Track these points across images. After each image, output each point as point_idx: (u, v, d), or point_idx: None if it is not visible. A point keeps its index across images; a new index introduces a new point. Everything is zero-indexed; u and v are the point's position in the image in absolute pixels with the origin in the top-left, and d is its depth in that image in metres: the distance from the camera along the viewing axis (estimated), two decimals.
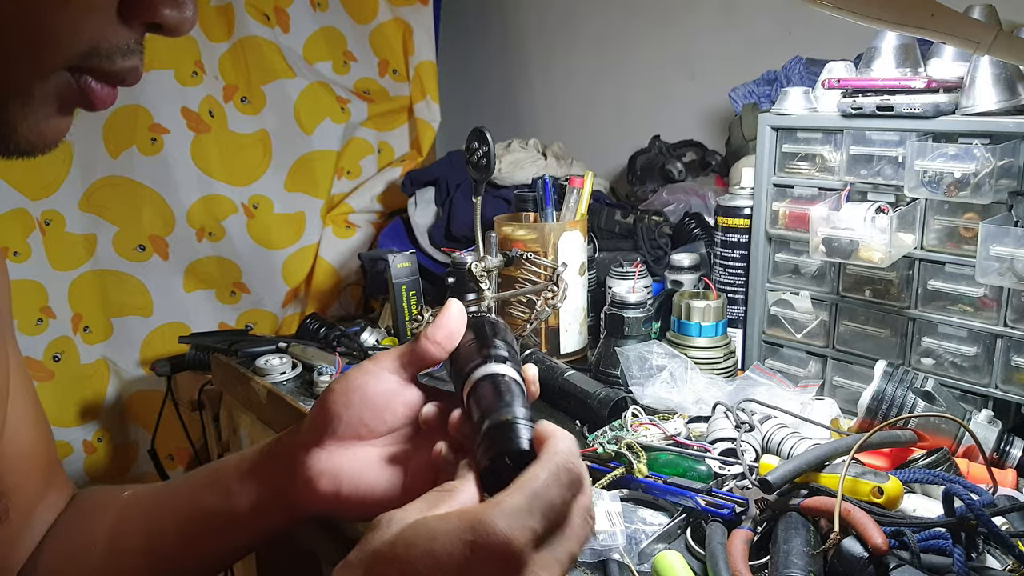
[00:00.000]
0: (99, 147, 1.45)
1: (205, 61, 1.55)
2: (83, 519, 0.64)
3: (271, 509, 0.56)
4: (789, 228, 0.97)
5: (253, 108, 1.62)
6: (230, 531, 0.58)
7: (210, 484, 0.59)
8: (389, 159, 1.83)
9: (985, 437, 0.77)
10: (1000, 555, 0.63)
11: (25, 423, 0.61)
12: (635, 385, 0.94)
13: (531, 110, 2.12)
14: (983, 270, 0.79)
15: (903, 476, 0.69)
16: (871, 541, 0.59)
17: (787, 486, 0.69)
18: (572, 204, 1.15)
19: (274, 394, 1.06)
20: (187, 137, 1.52)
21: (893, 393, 0.79)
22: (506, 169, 1.53)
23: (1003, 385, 0.84)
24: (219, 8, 1.57)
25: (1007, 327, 0.82)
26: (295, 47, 1.69)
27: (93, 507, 0.64)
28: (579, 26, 1.94)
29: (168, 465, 1.56)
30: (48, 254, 1.43)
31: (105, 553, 0.60)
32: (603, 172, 1.78)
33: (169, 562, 0.59)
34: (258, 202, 1.63)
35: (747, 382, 0.92)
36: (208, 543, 0.58)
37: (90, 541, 0.61)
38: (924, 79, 0.84)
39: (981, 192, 0.80)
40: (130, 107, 1.46)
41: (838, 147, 0.92)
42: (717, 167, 1.52)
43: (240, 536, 0.58)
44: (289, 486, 0.54)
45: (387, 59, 1.82)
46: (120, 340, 1.52)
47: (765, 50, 1.51)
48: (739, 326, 1.06)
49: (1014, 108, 0.82)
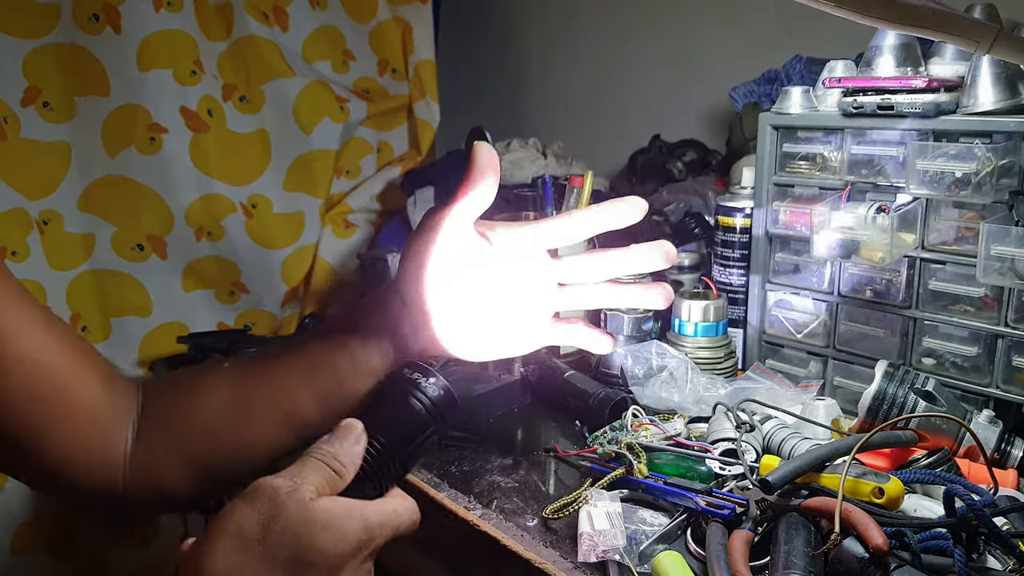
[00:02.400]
0: (97, 146, 1.45)
1: (204, 60, 1.55)
2: (179, 400, 0.64)
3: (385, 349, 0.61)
4: (790, 227, 0.97)
5: (252, 107, 1.62)
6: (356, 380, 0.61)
7: (330, 346, 0.62)
8: (388, 158, 1.82)
9: (986, 437, 0.77)
10: (1001, 555, 0.62)
11: (49, 348, 0.60)
12: (635, 385, 0.93)
13: (531, 109, 2.11)
14: (984, 270, 0.78)
15: (904, 476, 0.69)
16: (872, 541, 0.58)
17: (788, 486, 0.68)
18: (572, 204, 1.15)
19: None
20: (186, 136, 1.52)
21: (894, 393, 0.78)
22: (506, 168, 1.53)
23: (1004, 385, 0.83)
24: (218, 7, 1.57)
25: (1008, 327, 0.82)
26: (294, 46, 1.68)
27: (190, 389, 0.65)
28: (579, 25, 1.94)
29: None
30: (46, 254, 1.43)
31: (235, 421, 0.61)
32: (603, 171, 1.78)
33: (305, 418, 0.61)
34: (257, 202, 1.62)
35: (747, 382, 0.92)
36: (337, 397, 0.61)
37: (203, 418, 0.62)
38: (925, 78, 0.84)
39: (982, 192, 0.79)
40: (129, 106, 1.46)
41: (839, 146, 0.92)
42: (717, 167, 1.52)
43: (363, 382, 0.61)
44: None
45: (386, 58, 1.82)
46: (119, 340, 1.52)
47: (765, 49, 1.51)
48: (739, 326, 1.05)
49: (1015, 107, 0.81)
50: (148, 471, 0.62)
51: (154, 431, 0.62)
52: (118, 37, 1.43)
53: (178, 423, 0.63)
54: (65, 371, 0.60)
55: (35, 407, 0.58)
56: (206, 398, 0.62)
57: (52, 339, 0.60)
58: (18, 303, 0.59)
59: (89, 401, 0.61)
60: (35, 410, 0.58)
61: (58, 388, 0.59)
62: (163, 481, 0.62)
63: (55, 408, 0.59)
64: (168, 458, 0.62)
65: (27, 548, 1.45)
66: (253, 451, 0.61)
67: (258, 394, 0.61)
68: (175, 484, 0.62)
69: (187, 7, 1.51)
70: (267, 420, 0.61)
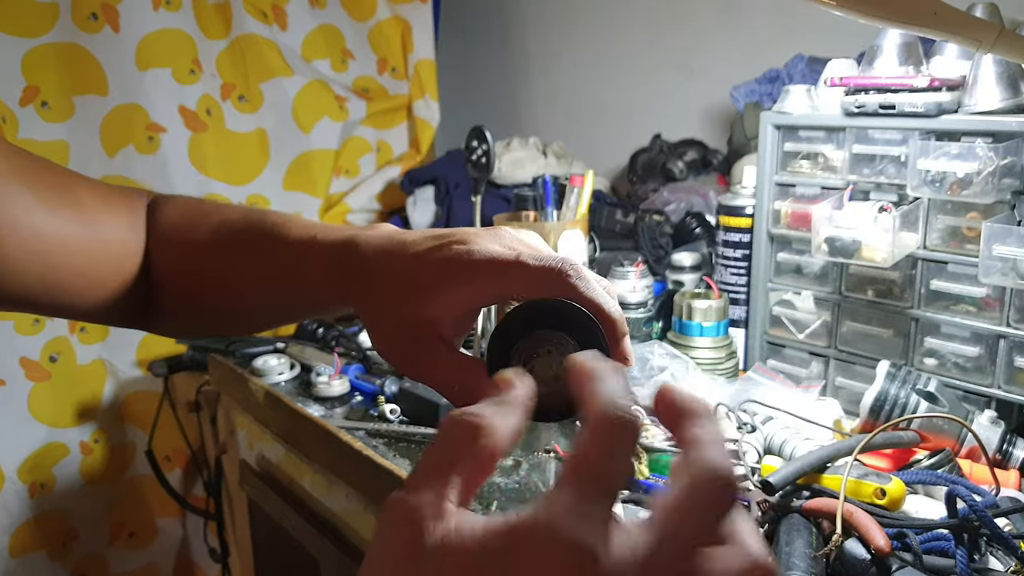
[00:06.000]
0: (96, 146, 1.44)
1: (203, 59, 1.54)
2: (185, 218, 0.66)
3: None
4: (791, 227, 0.97)
5: (251, 106, 1.61)
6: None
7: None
8: (388, 158, 1.82)
9: (988, 438, 0.76)
10: (1003, 556, 0.62)
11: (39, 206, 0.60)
12: (636, 385, 0.93)
13: (531, 109, 2.11)
14: (986, 270, 0.78)
15: (905, 477, 0.69)
16: (873, 543, 0.58)
17: (789, 487, 0.68)
18: (572, 203, 1.15)
19: (272, 395, 1.05)
20: (184, 136, 1.52)
21: (896, 394, 0.78)
22: (506, 168, 1.53)
23: (1006, 386, 0.83)
24: (217, 6, 1.56)
25: (1010, 327, 0.82)
26: (293, 45, 1.68)
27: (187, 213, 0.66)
28: (579, 23, 1.94)
29: (165, 467, 1.55)
30: None
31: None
32: (604, 171, 1.78)
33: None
34: (256, 201, 1.62)
35: (749, 383, 0.92)
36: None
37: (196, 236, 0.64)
38: (927, 77, 0.84)
39: (984, 191, 0.79)
40: (127, 105, 1.45)
41: (840, 146, 0.92)
42: (719, 166, 1.52)
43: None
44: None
45: (386, 57, 1.82)
46: (117, 340, 1.52)
47: (767, 48, 1.50)
48: (741, 326, 1.05)
49: (1017, 107, 0.81)
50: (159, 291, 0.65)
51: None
52: (117, 36, 1.43)
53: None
54: (81, 251, 0.60)
55: (57, 292, 0.59)
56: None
57: (63, 220, 0.60)
58: (16, 181, 0.58)
59: (111, 267, 0.62)
60: (57, 294, 0.59)
61: (78, 271, 0.60)
62: (176, 310, 0.65)
63: (78, 288, 0.60)
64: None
65: (27, 549, 1.45)
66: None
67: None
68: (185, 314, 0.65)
69: (186, 6, 1.51)
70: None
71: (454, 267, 0.50)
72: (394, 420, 0.94)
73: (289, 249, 0.59)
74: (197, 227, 0.65)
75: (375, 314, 0.55)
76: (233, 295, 0.64)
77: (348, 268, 0.56)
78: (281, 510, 1.12)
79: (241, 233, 0.62)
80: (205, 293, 0.65)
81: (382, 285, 0.54)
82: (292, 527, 1.10)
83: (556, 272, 0.47)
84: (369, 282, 0.55)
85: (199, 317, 0.67)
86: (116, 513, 1.57)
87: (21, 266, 0.57)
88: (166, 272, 0.65)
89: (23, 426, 1.42)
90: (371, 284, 0.55)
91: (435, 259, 0.51)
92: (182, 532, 1.66)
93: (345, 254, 0.57)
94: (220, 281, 0.64)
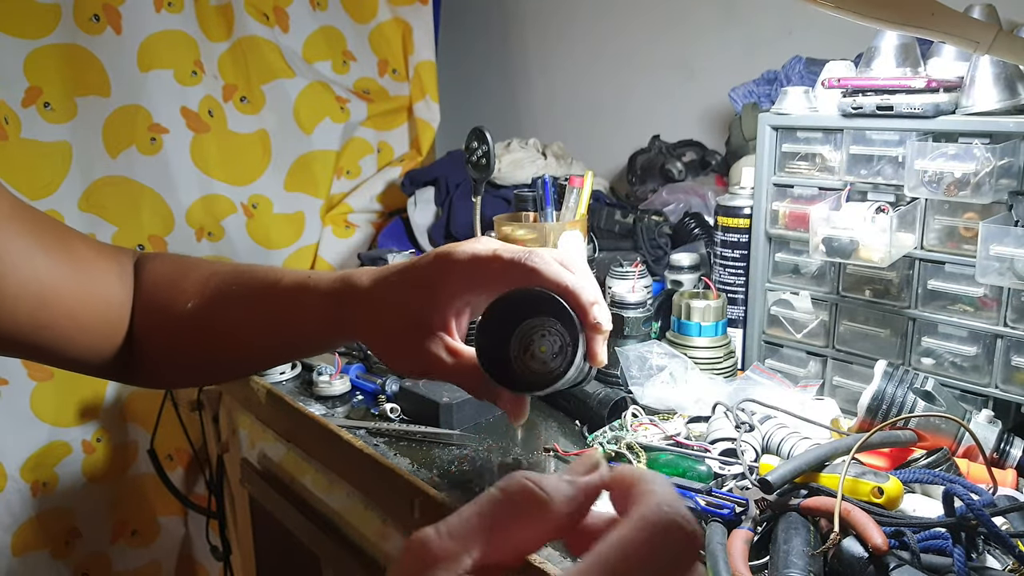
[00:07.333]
0: (98, 147, 1.45)
1: (204, 61, 1.55)
2: (170, 280, 0.69)
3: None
4: (789, 228, 0.97)
5: (252, 108, 1.62)
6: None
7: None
8: (389, 159, 1.83)
9: (985, 437, 0.77)
10: (1000, 555, 0.62)
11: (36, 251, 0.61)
12: (635, 385, 0.93)
13: (531, 110, 2.11)
14: (983, 270, 0.78)
15: (903, 476, 0.69)
16: (871, 541, 0.58)
17: (787, 486, 0.69)
18: (572, 204, 1.15)
19: (273, 394, 1.06)
20: (186, 137, 1.52)
21: (893, 393, 0.79)
22: (506, 169, 1.53)
23: (1003, 385, 0.84)
24: (218, 8, 1.57)
25: (1007, 327, 0.82)
26: (294, 47, 1.69)
27: (175, 274, 0.69)
28: (579, 25, 1.94)
29: (168, 465, 1.56)
30: None
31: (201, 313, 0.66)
32: (603, 172, 1.78)
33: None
34: (257, 202, 1.63)
35: (747, 382, 0.92)
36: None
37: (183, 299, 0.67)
38: (924, 79, 0.84)
39: (981, 192, 0.79)
40: (129, 107, 1.46)
41: (838, 147, 0.92)
42: (717, 167, 1.52)
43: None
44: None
45: (387, 59, 1.82)
46: None
47: (765, 50, 1.51)
48: (739, 326, 1.06)
49: (1014, 108, 0.81)
50: (143, 351, 0.67)
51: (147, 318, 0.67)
52: (119, 37, 1.43)
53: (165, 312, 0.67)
54: (72, 294, 0.61)
55: (45, 333, 0.60)
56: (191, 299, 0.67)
57: (56, 262, 0.61)
58: (18, 224, 0.59)
59: (99, 313, 0.63)
60: (46, 335, 0.60)
61: (67, 313, 0.61)
62: (159, 365, 0.67)
63: (66, 330, 0.62)
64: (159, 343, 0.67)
65: (29, 547, 1.45)
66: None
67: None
68: (169, 368, 0.68)
69: (188, 7, 1.51)
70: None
71: (443, 265, 0.59)
72: (395, 419, 0.95)
73: (285, 294, 0.64)
74: (185, 279, 0.67)
75: (379, 331, 0.62)
76: (225, 342, 0.67)
77: (347, 300, 0.63)
78: (282, 508, 1.12)
79: (233, 283, 0.65)
80: (192, 345, 0.67)
81: (382, 303, 0.61)
82: (293, 525, 1.10)
83: (520, 262, 0.57)
84: (370, 305, 0.62)
85: (182, 369, 0.70)
86: (118, 511, 1.57)
87: (16, 303, 0.58)
88: (149, 328, 0.67)
89: (25, 425, 1.42)
90: (371, 306, 0.62)
91: (425, 263, 0.60)
92: (184, 530, 1.67)
93: (342, 289, 0.64)
94: (210, 331, 0.66)
